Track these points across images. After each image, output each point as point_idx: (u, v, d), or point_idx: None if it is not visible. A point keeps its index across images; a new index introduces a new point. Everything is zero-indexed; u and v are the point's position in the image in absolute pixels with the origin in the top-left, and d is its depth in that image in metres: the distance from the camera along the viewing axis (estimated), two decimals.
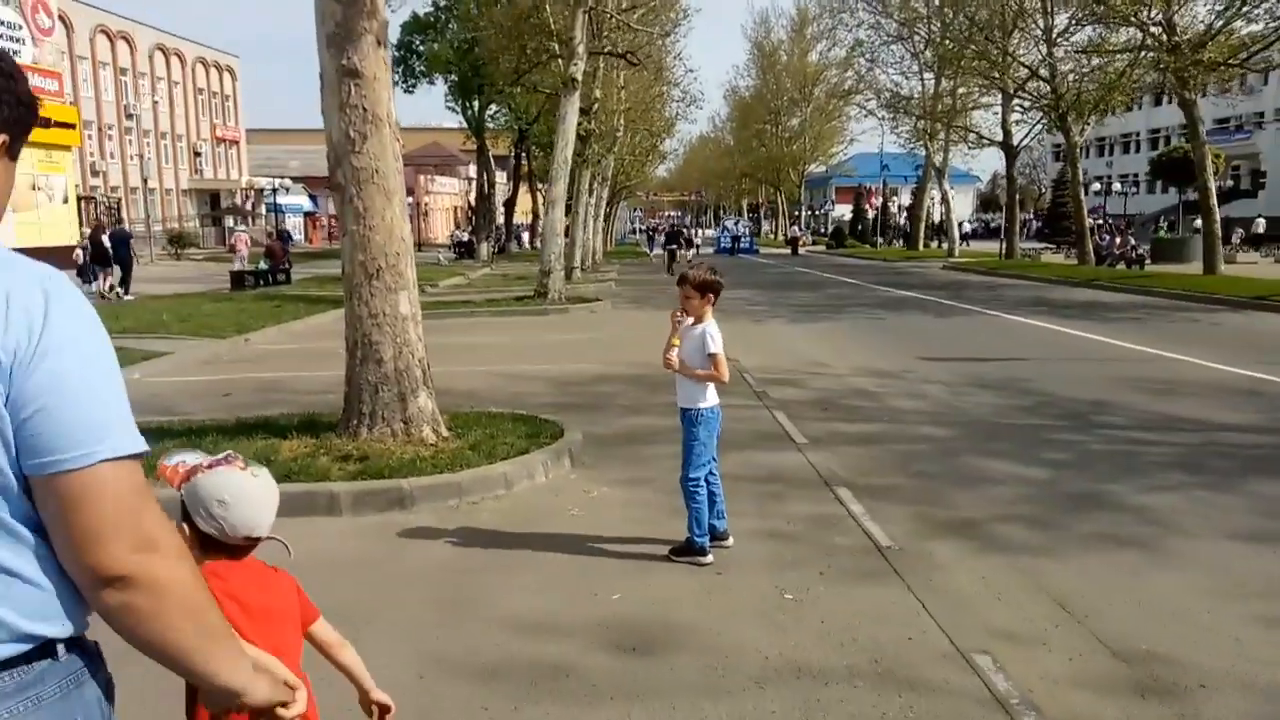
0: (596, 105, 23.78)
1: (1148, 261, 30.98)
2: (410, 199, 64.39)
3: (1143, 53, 25.44)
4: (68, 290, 1.18)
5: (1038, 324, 15.23)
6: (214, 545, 1.69)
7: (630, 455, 6.60)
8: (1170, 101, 54.14)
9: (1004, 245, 35.85)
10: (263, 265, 25.41)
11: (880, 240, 56.32)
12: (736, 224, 59.01)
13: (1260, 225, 43.72)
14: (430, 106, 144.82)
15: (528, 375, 10.26)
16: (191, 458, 1.72)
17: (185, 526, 1.67)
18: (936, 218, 52.48)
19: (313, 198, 65.06)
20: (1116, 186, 50.04)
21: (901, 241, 54.13)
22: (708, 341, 4.38)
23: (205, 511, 1.66)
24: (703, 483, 4.47)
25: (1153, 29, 23.33)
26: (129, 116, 50.57)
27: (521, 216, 68.93)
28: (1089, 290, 22.61)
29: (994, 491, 5.69)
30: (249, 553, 1.75)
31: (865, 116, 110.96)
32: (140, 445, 1.18)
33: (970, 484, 5.85)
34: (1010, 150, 35.70)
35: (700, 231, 63.30)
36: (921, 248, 47.66)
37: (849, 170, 68.35)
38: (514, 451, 6.02)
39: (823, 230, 74.62)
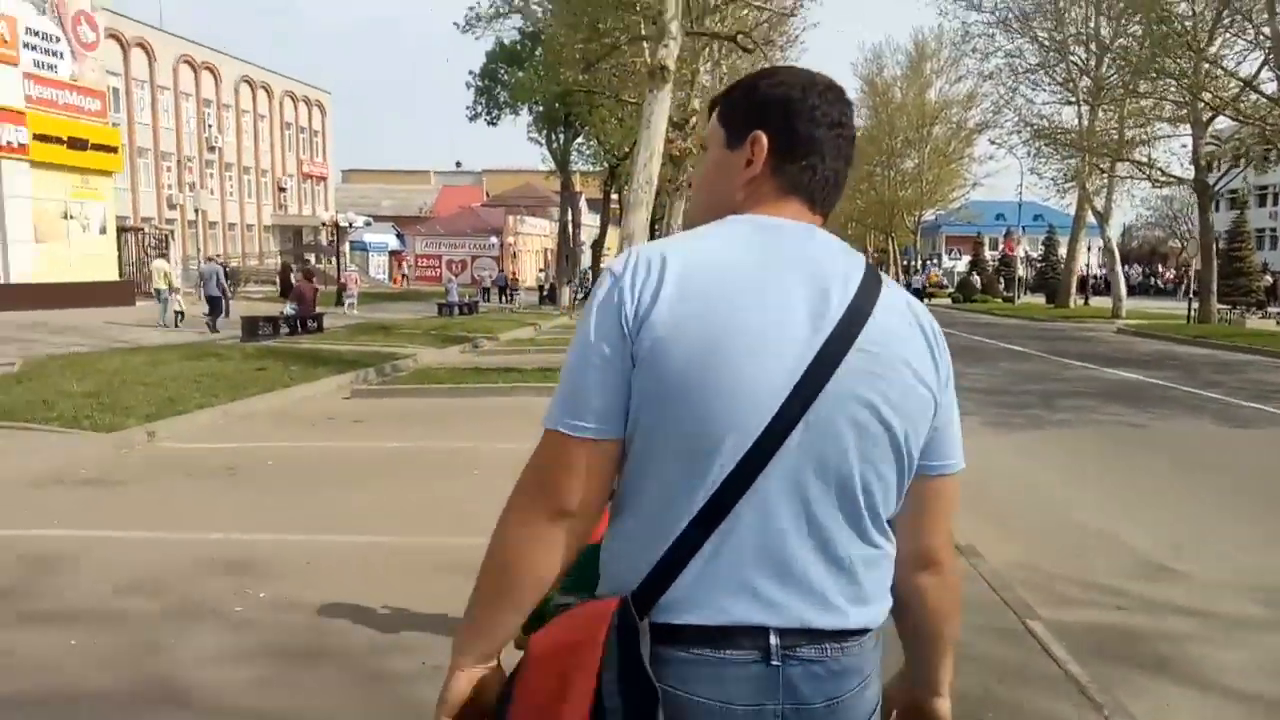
0: (695, 119, 18.58)
1: None
2: (497, 239, 61.04)
3: None
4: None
5: None
6: None
7: None
8: None
9: (1199, 306, 28.82)
10: (289, 310, 21.04)
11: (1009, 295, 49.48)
12: None
13: None
14: (519, 140, 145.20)
15: None
16: None
17: None
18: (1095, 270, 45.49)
19: (400, 236, 62.21)
20: None
21: (1045, 297, 47.16)
22: None
23: None
24: None
25: None
26: (210, 149, 48.55)
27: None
28: None
29: None
30: None
31: (989, 159, 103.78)
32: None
33: None
34: (1205, 190, 28.96)
35: None
36: (1072, 304, 40.79)
37: (970, 216, 61.95)
38: None
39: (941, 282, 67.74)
